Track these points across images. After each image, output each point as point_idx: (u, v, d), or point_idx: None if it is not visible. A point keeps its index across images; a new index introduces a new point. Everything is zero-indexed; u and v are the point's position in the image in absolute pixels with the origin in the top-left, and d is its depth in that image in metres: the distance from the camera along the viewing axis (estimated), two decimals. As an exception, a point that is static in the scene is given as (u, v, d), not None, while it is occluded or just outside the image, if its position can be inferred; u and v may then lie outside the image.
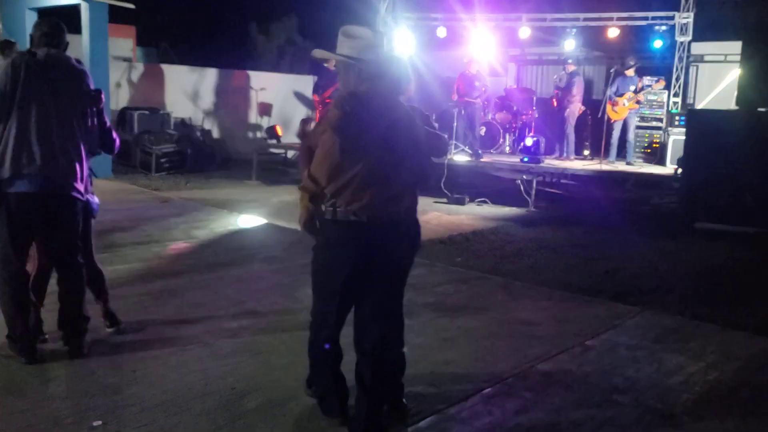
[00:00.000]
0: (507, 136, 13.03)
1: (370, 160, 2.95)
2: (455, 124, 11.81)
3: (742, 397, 3.78)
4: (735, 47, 12.19)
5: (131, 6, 10.55)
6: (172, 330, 4.36)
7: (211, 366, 3.85)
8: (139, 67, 14.95)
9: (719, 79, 12.14)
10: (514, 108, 13.03)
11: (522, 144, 12.24)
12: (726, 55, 12.26)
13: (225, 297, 5.16)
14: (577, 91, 11.58)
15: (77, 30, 11.03)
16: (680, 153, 9.81)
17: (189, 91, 15.27)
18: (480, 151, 11.81)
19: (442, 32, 14.39)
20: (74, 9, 10.91)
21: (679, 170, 9.46)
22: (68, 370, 3.71)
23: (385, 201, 3.00)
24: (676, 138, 11.04)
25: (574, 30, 12.98)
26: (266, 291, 5.35)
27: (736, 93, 8.95)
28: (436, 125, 3.59)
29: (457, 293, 5.56)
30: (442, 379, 3.80)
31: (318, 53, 3.32)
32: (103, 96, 3.95)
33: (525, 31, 13.55)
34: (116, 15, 11.43)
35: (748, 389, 3.88)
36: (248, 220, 8.49)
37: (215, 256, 6.47)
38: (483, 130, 12.67)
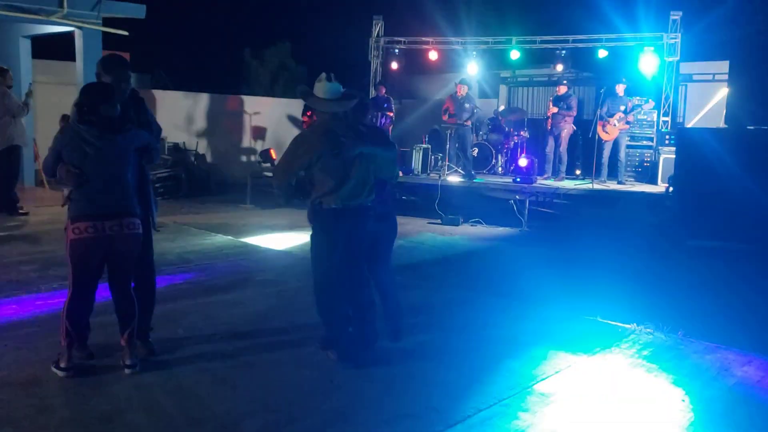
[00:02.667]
0: (499, 157, 13.12)
1: (331, 166, 4.17)
2: (447, 145, 11.90)
3: (739, 413, 3.80)
4: (723, 66, 12.40)
5: (125, 33, 10.64)
6: (168, 355, 4.35)
7: (208, 390, 3.84)
8: (133, 93, 14.99)
9: (708, 98, 12.29)
10: (506, 129, 13.13)
11: (514, 164, 12.32)
12: (714, 75, 12.44)
13: (221, 321, 5.16)
14: (569, 112, 11.70)
15: (72, 57, 11.12)
16: (671, 171, 9.90)
17: (183, 116, 15.34)
18: (473, 172, 11.88)
19: (433, 55, 14.56)
20: (69, 36, 11.00)
21: (671, 189, 9.54)
22: (61, 399, 3.69)
23: (349, 194, 4.22)
24: (667, 157, 11.14)
25: (564, 51, 13.13)
26: (262, 314, 5.35)
27: (724, 111, 9.07)
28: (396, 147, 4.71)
29: (453, 314, 5.57)
30: (440, 400, 3.80)
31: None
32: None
33: (515, 54, 13.73)
34: (111, 42, 11.51)
35: (744, 407, 3.90)
36: (243, 244, 8.50)
37: (210, 281, 6.47)
38: (475, 151, 12.75)
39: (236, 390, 3.88)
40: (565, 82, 12.21)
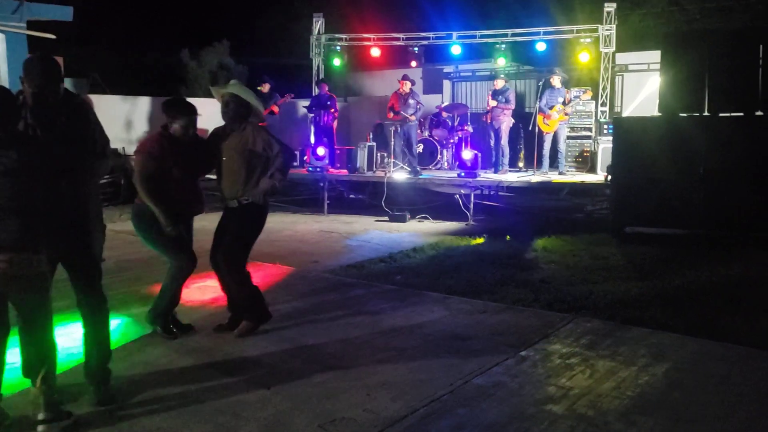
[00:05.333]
0: (444, 152, 13.17)
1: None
2: (392, 142, 11.86)
3: (672, 399, 3.84)
4: (657, 56, 12.68)
5: (52, 36, 10.24)
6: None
7: (137, 402, 3.70)
8: (67, 99, 14.54)
9: (644, 87, 12.57)
10: (450, 124, 13.18)
11: (459, 159, 12.39)
12: (649, 64, 12.71)
13: (154, 332, 4.99)
14: (508, 106, 11.81)
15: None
16: (609, 160, 10.06)
17: (121, 121, 14.95)
18: (418, 168, 11.88)
19: (375, 52, 14.52)
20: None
21: (609, 177, 9.70)
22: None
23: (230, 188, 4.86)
24: (605, 146, 11.35)
25: (503, 45, 13.25)
26: (197, 322, 5.18)
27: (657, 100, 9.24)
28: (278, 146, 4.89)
29: (394, 312, 5.52)
30: (376, 402, 3.73)
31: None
32: None
33: (457, 49, 13.80)
34: (41, 46, 11.09)
35: (678, 391, 3.94)
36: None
37: (145, 288, 6.27)
38: (421, 147, 12.77)
39: (167, 401, 3.74)
40: (502, 75, 12.33)
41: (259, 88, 12.84)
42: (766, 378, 4.10)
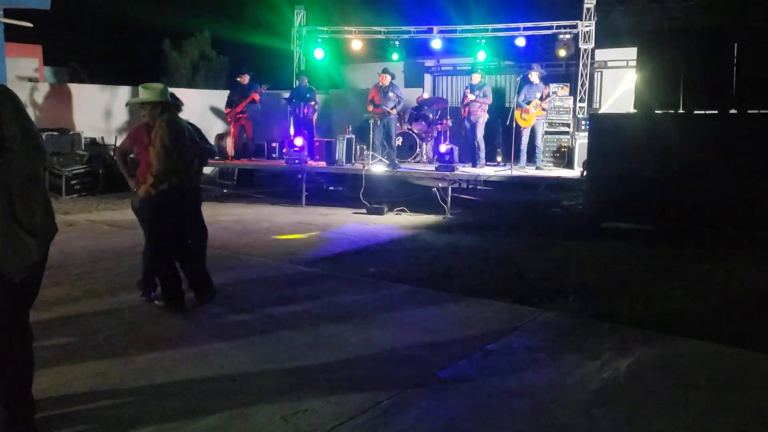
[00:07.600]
0: (424, 146, 13.18)
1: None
2: (371, 135, 11.85)
3: (633, 392, 3.88)
4: (635, 53, 12.76)
5: (29, 25, 10.12)
6: (60, 362, 4.15)
7: (96, 393, 3.69)
8: (45, 88, 14.37)
9: (620, 84, 12.66)
10: (430, 117, 13.19)
11: (437, 152, 12.40)
12: (628, 61, 12.77)
13: (122, 322, 4.98)
14: (486, 100, 11.84)
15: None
16: (586, 156, 10.12)
17: (101, 111, 14.80)
18: (397, 161, 11.88)
19: (356, 45, 14.48)
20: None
21: (585, 172, 9.76)
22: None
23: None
24: (582, 142, 11.41)
25: (484, 40, 13.27)
26: (164, 315, 5.17)
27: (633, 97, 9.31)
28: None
29: (365, 304, 5.53)
30: (341, 394, 3.75)
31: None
32: None
33: (437, 43, 13.80)
34: (21, 35, 10.94)
35: (639, 384, 4.00)
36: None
37: (116, 280, 6.24)
38: (400, 140, 12.77)
39: (127, 391, 3.74)
40: (479, 69, 12.36)
41: (238, 78, 12.81)
42: (723, 373, 4.17)
